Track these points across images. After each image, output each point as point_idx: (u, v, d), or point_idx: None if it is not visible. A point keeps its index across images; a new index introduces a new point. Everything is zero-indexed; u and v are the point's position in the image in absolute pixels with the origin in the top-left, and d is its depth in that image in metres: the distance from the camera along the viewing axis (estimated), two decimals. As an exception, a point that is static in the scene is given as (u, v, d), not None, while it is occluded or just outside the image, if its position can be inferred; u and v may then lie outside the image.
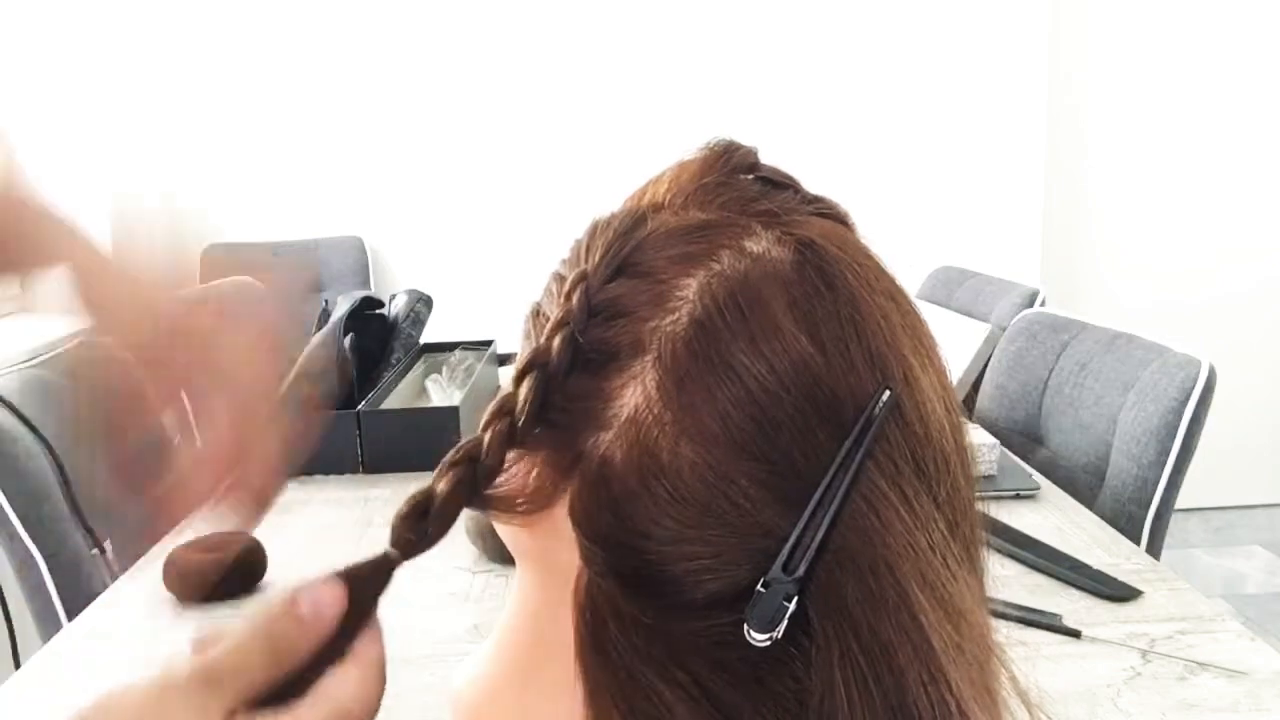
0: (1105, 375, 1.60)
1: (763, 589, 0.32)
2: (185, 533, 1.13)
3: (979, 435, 1.61)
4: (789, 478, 0.32)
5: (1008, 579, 1.18)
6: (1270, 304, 3.20)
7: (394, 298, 2.03)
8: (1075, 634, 1.05)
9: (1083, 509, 1.40)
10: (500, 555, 1.24)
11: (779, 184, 0.40)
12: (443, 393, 1.87)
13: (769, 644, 0.31)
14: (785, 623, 0.31)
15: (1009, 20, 3.00)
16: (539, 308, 0.38)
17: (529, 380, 0.33)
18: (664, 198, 0.39)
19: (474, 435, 0.33)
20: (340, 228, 3.08)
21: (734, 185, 0.39)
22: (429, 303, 2.01)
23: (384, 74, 2.96)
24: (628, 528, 0.32)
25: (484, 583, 1.22)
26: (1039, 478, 1.50)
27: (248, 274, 0.44)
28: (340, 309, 1.86)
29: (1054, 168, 3.12)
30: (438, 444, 0.38)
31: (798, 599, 0.31)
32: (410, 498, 0.32)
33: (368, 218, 3.09)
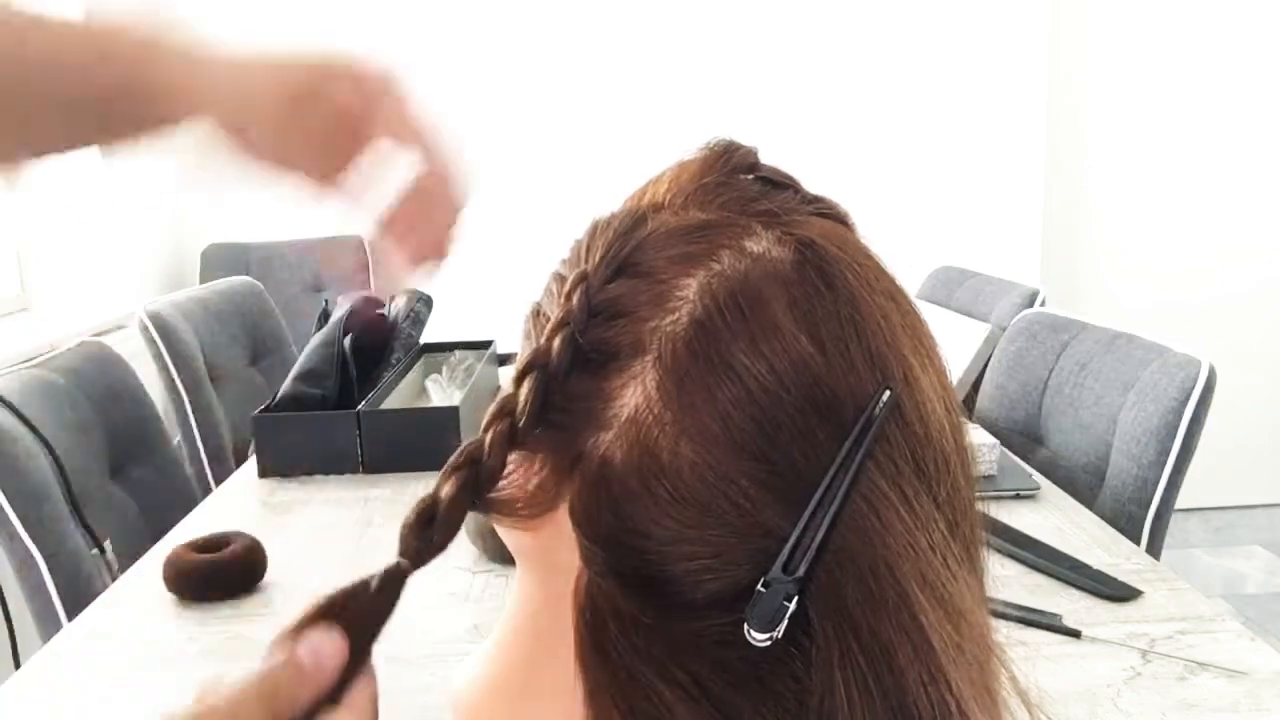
0: (1105, 375, 1.60)
1: (763, 589, 0.32)
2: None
3: (979, 435, 1.61)
4: (789, 478, 0.32)
5: (1008, 579, 1.18)
6: (1270, 304, 3.20)
7: (394, 298, 2.03)
8: (1075, 634, 1.05)
9: (1083, 509, 1.40)
10: (500, 555, 1.24)
11: (779, 184, 0.40)
12: (443, 393, 1.87)
13: (769, 644, 0.31)
14: (785, 623, 0.31)
15: (1009, 20, 3.00)
16: (539, 308, 0.38)
17: (529, 381, 0.33)
18: (664, 198, 0.39)
19: (475, 437, 0.33)
20: (340, 228, 3.08)
21: (734, 185, 0.39)
22: (429, 303, 2.01)
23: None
24: (628, 528, 0.32)
25: (484, 583, 1.22)
26: (1039, 478, 1.50)
27: None
28: (340, 309, 1.86)
29: (1054, 168, 3.12)
30: (438, 444, 0.38)
31: (798, 599, 0.31)
32: (416, 505, 0.32)
33: (368, 218, 3.09)
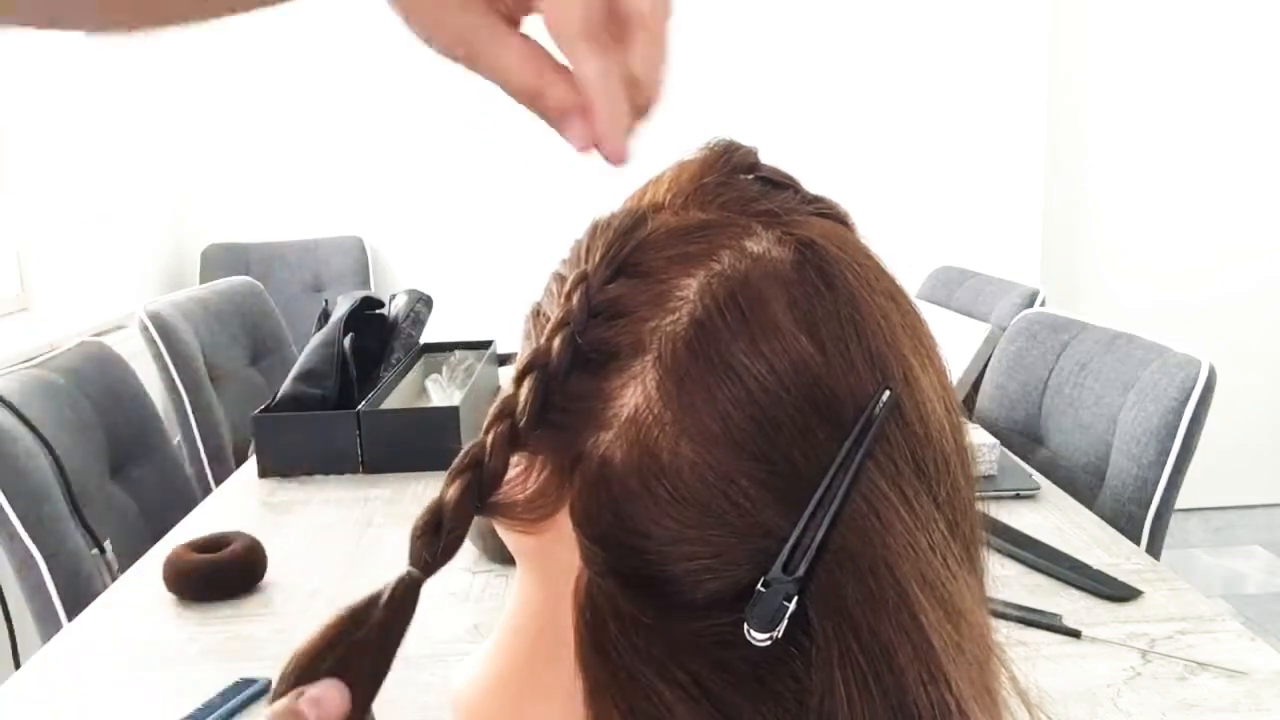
0: (1105, 375, 1.60)
1: (763, 589, 0.32)
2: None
3: (979, 435, 1.61)
4: (789, 478, 0.32)
5: (1008, 579, 1.18)
6: (1270, 304, 3.20)
7: (394, 298, 2.03)
8: (1075, 634, 1.05)
9: (1083, 509, 1.40)
10: (500, 555, 1.24)
11: (779, 184, 0.40)
12: (443, 393, 1.87)
13: (769, 644, 0.31)
14: (785, 623, 0.31)
15: (1009, 20, 3.00)
16: (539, 308, 0.38)
17: (529, 381, 0.33)
18: (664, 198, 0.39)
19: (477, 440, 0.33)
20: (340, 228, 3.08)
21: (734, 185, 0.39)
22: (429, 303, 2.01)
23: (384, 74, 2.96)
24: (628, 528, 0.32)
25: (484, 583, 1.22)
26: (1039, 478, 1.50)
27: None
28: (340, 309, 1.86)
29: (1054, 168, 3.12)
30: (438, 444, 0.38)
31: (798, 599, 0.31)
32: (423, 513, 0.32)
33: (368, 218, 3.10)
